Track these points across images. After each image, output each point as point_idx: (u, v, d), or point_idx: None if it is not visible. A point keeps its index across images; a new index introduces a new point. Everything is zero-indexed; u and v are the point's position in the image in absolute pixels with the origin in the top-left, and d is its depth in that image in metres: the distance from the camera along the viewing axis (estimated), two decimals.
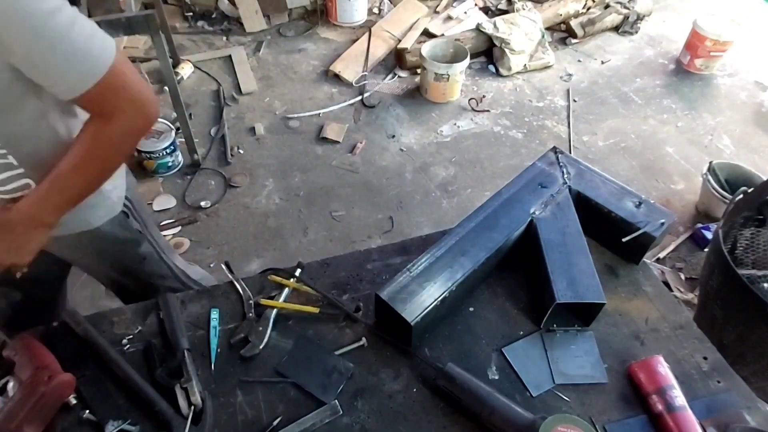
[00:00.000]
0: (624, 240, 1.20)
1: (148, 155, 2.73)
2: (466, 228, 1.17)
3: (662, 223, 1.18)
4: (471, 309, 1.15)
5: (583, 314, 1.12)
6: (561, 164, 1.32)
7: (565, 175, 1.29)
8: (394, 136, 3.17)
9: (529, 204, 1.22)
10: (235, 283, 1.16)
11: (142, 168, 2.80)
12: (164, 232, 2.55)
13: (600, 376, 1.05)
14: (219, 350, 1.06)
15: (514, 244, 1.19)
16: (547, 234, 1.17)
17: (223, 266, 1.21)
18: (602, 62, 3.84)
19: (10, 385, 0.96)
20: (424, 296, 1.03)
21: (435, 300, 1.03)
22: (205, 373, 1.02)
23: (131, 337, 1.07)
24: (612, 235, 1.23)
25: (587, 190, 1.26)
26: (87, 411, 0.95)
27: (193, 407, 0.95)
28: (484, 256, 1.11)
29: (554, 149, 1.37)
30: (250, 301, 1.13)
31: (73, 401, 0.95)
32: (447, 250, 1.12)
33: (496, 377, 1.04)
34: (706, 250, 2.54)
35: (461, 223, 1.18)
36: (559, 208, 1.22)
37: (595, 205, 1.23)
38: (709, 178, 2.65)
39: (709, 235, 2.60)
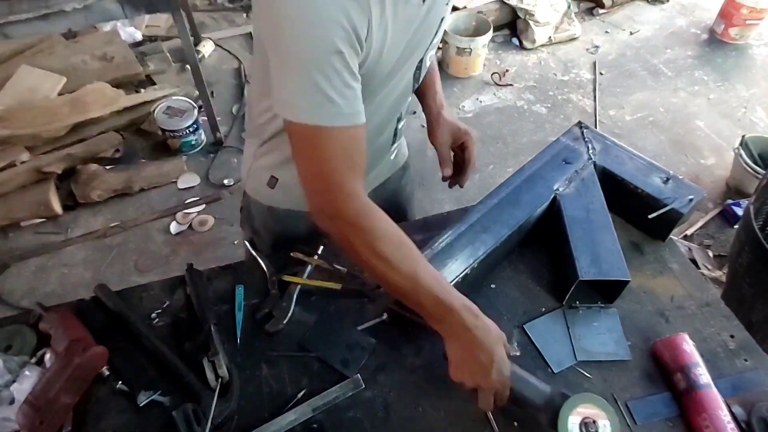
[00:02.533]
0: (650, 216, 1.17)
1: (171, 134, 2.76)
2: (488, 205, 1.16)
3: (690, 200, 1.16)
4: (492, 286, 1.15)
5: (607, 291, 1.11)
6: (586, 139, 1.29)
7: (590, 151, 1.27)
8: (415, 113, 3.14)
9: (553, 180, 1.21)
10: (259, 259, 1.18)
11: (166, 147, 2.84)
12: (189, 210, 2.59)
13: (623, 354, 1.04)
14: (244, 325, 1.08)
15: (537, 220, 1.18)
16: (571, 210, 1.15)
17: (247, 243, 1.23)
18: (631, 33, 3.70)
19: (47, 356, 1.01)
20: (445, 273, 1.03)
21: (456, 277, 1.03)
22: (231, 347, 1.05)
23: (159, 311, 1.10)
24: (638, 211, 1.20)
25: (613, 166, 1.23)
26: (120, 382, 0.99)
27: (220, 380, 0.98)
28: (507, 234, 1.10)
29: (579, 124, 1.34)
30: (274, 278, 1.15)
31: (107, 372, 0.99)
32: (468, 228, 1.11)
33: (518, 353, 1.04)
34: (736, 226, 2.48)
35: (483, 200, 1.17)
36: (584, 184, 1.20)
37: (621, 181, 1.21)
38: (741, 152, 2.57)
39: (739, 212, 2.53)
